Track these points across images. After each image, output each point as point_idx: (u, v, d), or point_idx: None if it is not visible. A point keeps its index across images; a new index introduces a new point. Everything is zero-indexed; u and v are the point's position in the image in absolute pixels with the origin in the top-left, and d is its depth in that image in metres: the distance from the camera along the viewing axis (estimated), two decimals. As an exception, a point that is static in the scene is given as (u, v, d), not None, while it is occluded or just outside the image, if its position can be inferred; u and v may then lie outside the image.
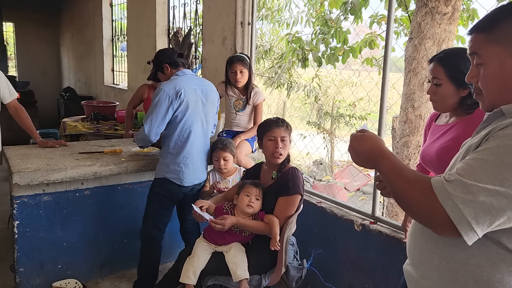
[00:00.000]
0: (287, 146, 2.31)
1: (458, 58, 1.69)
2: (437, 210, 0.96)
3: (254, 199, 2.25)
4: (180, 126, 2.61)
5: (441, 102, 1.74)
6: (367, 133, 1.22)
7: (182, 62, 2.79)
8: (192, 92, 2.62)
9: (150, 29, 5.61)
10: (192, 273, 2.18)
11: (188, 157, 2.65)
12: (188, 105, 2.59)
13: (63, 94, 8.27)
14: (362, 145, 1.18)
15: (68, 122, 4.95)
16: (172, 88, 2.55)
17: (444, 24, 3.36)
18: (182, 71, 2.72)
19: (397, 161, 1.12)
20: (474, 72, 1.12)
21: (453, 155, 1.71)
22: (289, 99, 7.01)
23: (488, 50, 1.05)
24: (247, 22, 3.63)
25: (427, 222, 1.01)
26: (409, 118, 3.59)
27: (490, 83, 1.07)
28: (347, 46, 4.48)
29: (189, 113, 2.61)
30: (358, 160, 1.21)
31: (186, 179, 2.67)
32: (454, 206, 0.94)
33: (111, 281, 3.08)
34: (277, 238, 2.16)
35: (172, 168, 2.64)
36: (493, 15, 1.06)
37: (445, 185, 0.97)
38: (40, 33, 10.62)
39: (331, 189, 5.44)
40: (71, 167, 2.66)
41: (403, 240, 2.24)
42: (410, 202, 1.04)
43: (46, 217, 2.79)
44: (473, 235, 0.95)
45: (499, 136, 0.97)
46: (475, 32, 1.09)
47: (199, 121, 2.69)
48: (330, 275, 2.67)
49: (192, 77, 2.73)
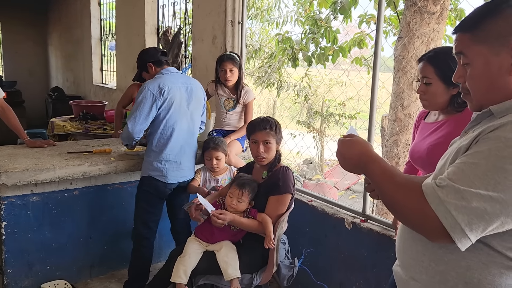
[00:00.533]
0: (271, 149, 2.30)
1: (448, 56, 1.70)
2: (429, 216, 0.95)
3: (235, 201, 2.25)
4: (163, 124, 2.61)
5: (431, 101, 1.75)
6: (355, 137, 1.21)
7: (166, 60, 2.79)
8: (177, 90, 2.62)
9: (139, 28, 5.57)
10: (183, 272, 2.17)
11: (171, 155, 2.65)
12: (172, 103, 2.59)
13: (51, 94, 8.18)
14: (350, 150, 1.17)
15: (56, 122, 4.89)
16: (156, 85, 2.55)
17: (433, 23, 3.39)
18: (167, 69, 2.72)
19: (387, 165, 1.10)
20: (460, 72, 1.11)
21: (443, 152, 1.73)
22: (279, 98, 7.03)
23: (473, 49, 1.04)
24: (237, 21, 3.63)
25: (419, 228, 1.00)
26: (398, 117, 3.61)
27: (477, 83, 1.06)
28: (337, 45, 4.50)
29: (173, 111, 2.60)
30: (347, 165, 1.19)
31: (171, 177, 2.67)
32: (447, 212, 0.93)
33: (100, 282, 3.05)
34: (272, 236, 2.16)
35: (156, 165, 2.64)
36: (476, 13, 1.05)
37: (437, 191, 0.95)
38: (27, 33, 10.49)
39: (321, 188, 5.46)
40: (59, 167, 2.63)
41: (393, 238, 2.25)
42: (401, 209, 1.02)
43: (34, 217, 2.76)
44: (467, 241, 0.93)
45: (490, 139, 0.95)
46: (460, 31, 1.08)
47: (184, 119, 2.68)
48: (321, 274, 2.68)
49: (177, 75, 2.72)
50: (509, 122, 0.94)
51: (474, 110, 1.12)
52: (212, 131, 3.28)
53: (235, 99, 3.16)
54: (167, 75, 2.67)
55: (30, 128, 5.35)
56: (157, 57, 2.75)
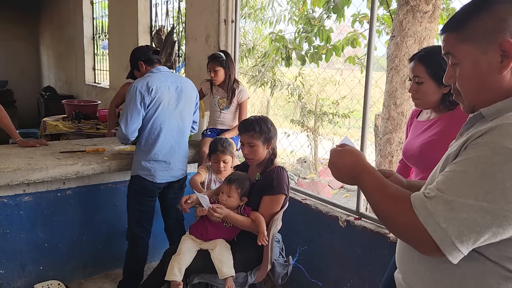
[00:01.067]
0: (258, 151, 2.28)
1: (439, 56, 1.71)
2: (418, 230, 0.91)
3: (225, 197, 2.26)
4: (150, 123, 2.60)
5: (423, 100, 1.76)
6: (348, 147, 1.18)
7: (157, 59, 2.78)
8: (166, 89, 2.61)
9: (132, 27, 5.55)
10: (177, 270, 2.16)
11: (159, 154, 2.64)
12: (160, 102, 2.58)
13: (43, 93, 8.12)
14: (342, 160, 1.14)
15: (48, 121, 4.86)
16: (144, 84, 2.55)
17: (425, 22, 3.41)
18: (157, 68, 2.70)
19: (379, 176, 1.07)
20: (451, 73, 1.08)
21: (436, 150, 1.74)
22: (273, 97, 7.04)
23: (461, 49, 1.02)
24: (231, 20, 3.62)
25: (410, 241, 0.98)
26: (391, 115, 3.63)
27: (466, 83, 1.04)
28: (330, 44, 4.51)
29: (160, 110, 2.59)
30: (339, 175, 1.16)
31: (159, 176, 2.66)
32: (436, 225, 0.89)
33: (94, 282, 3.04)
34: (265, 233, 2.17)
35: (144, 165, 2.64)
36: (461, 12, 1.03)
37: (425, 203, 0.92)
38: (19, 31, 10.39)
39: (315, 186, 5.47)
40: (52, 167, 2.61)
41: (387, 235, 2.27)
42: (391, 221, 1.00)
43: (27, 217, 2.74)
44: (458, 254, 0.90)
45: (479, 145, 0.91)
46: (446, 31, 1.05)
47: (173, 119, 2.67)
48: (316, 271, 2.69)
49: (167, 74, 2.71)
50: (497, 127, 0.91)
51: (467, 111, 1.09)
52: (206, 130, 3.28)
53: (229, 98, 3.16)
54: (157, 74, 2.65)
55: (22, 128, 5.31)
56: (148, 56, 2.74)
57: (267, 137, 2.29)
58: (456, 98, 1.11)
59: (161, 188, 2.73)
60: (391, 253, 2.02)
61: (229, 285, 2.16)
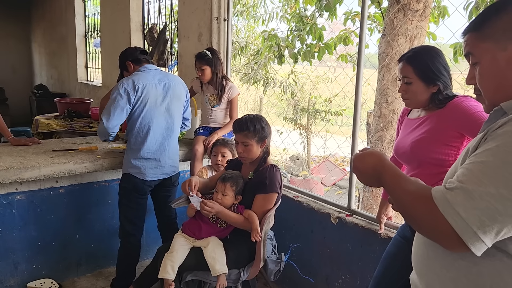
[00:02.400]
0: (251, 150, 2.29)
1: (426, 56, 1.75)
2: (439, 222, 0.90)
3: (220, 195, 2.27)
4: (139, 122, 2.60)
5: (413, 100, 1.80)
6: (368, 150, 1.19)
7: (145, 58, 2.78)
8: (153, 87, 2.61)
9: (124, 25, 5.53)
10: (170, 268, 2.18)
11: (149, 152, 2.65)
12: (147, 101, 2.58)
13: (35, 92, 8.07)
14: (364, 162, 1.14)
15: (41, 119, 4.84)
16: (131, 82, 2.55)
17: (416, 20, 3.44)
18: (145, 66, 2.70)
19: (399, 174, 1.07)
20: (472, 74, 1.09)
21: (426, 147, 1.77)
22: (266, 95, 7.05)
23: (480, 47, 1.03)
24: (223, 18, 3.63)
25: (432, 236, 0.96)
26: (383, 113, 3.66)
27: (486, 80, 1.04)
28: (322, 42, 4.53)
29: (148, 109, 2.60)
30: (364, 178, 1.16)
31: (149, 174, 2.67)
32: (456, 215, 0.88)
33: (88, 280, 3.04)
34: (258, 229, 2.19)
35: (133, 163, 2.64)
36: (483, 14, 1.05)
37: (445, 194, 0.91)
38: (10, 29, 10.31)
39: (308, 183, 5.50)
40: (45, 165, 2.61)
41: (378, 232, 2.29)
42: (413, 217, 0.99)
43: (19, 216, 2.74)
44: (481, 245, 0.87)
45: (498, 135, 0.91)
46: (468, 32, 1.07)
47: (162, 117, 2.67)
48: (308, 268, 2.71)
49: (154, 72, 2.70)
50: None
51: (488, 111, 1.08)
52: (199, 128, 3.29)
53: (218, 95, 3.17)
54: (144, 72, 2.65)
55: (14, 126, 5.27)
56: (135, 55, 2.75)
57: (261, 136, 2.30)
58: (477, 98, 1.12)
59: (152, 186, 2.73)
60: (382, 250, 2.05)
61: (221, 283, 2.17)
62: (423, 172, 1.81)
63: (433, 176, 1.77)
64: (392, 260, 1.93)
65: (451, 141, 1.72)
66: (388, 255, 1.96)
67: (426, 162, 1.79)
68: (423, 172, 1.81)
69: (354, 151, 2.51)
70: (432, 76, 1.73)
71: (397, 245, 1.93)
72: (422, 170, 1.82)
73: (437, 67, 1.73)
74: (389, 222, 2.26)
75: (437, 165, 1.76)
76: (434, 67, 1.73)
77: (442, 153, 1.74)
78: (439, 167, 1.75)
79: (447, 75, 1.75)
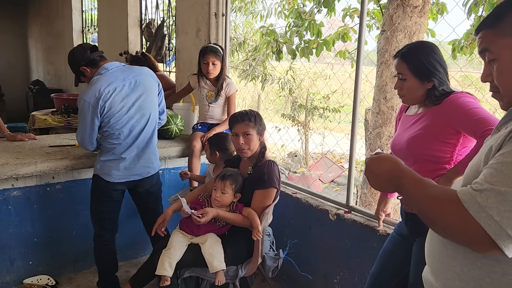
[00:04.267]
0: (252, 140, 2.29)
1: (420, 52, 1.75)
2: (471, 226, 0.87)
3: (219, 193, 2.25)
4: (108, 126, 2.44)
5: (408, 96, 1.80)
6: (383, 154, 1.16)
7: (99, 56, 2.52)
8: (118, 90, 2.41)
9: (122, 20, 5.49)
10: (168, 265, 2.16)
11: (117, 154, 2.50)
12: (114, 105, 2.40)
13: (32, 87, 8.03)
14: (380, 166, 1.10)
15: (37, 115, 4.81)
16: (93, 95, 2.35)
17: (415, 17, 3.43)
18: (103, 67, 2.47)
19: (419, 178, 1.03)
20: (487, 71, 1.06)
21: (422, 144, 1.76)
22: (264, 91, 7.03)
23: (499, 43, 1.00)
24: (221, 13, 3.60)
25: (463, 240, 0.93)
26: (381, 110, 3.66)
27: (505, 77, 1.01)
28: (321, 39, 4.51)
29: (117, 113, 2.42)
30: (378, 182, 1.12)
31: (116, 176, 2.51)
32: (489, 218, 0.85)
33: (84, 276, 3.03)
34: (259, 228, 2.18)
35: (101, 164, 2.52)
36: (498, 9, 1.03)
37: (475, 197, 0.88)
38: (6, 25, 10.23)
39: (306, 180, 5.49)
40: (41, 161, 2.59)
41: (376, 228, 2.29)
42: (440, 222, 0.95)
43: (15, 212, 2.72)
44: None
45: None
46: (483, 29, 1.05)
47: (133, 116, 2.49)
48: (306, 265, 2.71)
49: (117, 71, 2.48)
50: None
51: (506, 108, 1.06)
52: (197, 124, 3.27)
53: (216, 91, 3.15)
54: (105, 75, 2.43)
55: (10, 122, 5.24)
56: (87, 57, 2.47)
57: (260, 128, 2.33)
58: (494, 96, 1.09)
59: (118, 189, 2.57)
60: (380, 246, 2.05)
61: (220, 279, 2.17)
62: (419, 169, 1.79)
63: (430, 173, 1.76)
64: (389, 257, 1.93)
65: (447, 138, 1.71)
66: (385, 252, 1.96)
67: (422, 159, 1.78)
68: (419, 168, 1.79)
69: (353, 147, 2.50)
70: (427, 72, 1.72)
71: (394, 242, 1.93)
72: (418, 166, 1.80)
73: (432, 63, 1.72)
74: (388, 218, 2.26)
75: (434, 162, 1.75)
76: (428, 63, 1.72)
77: (438, 150, 1.73)
78: (435, 164, 1.75)
79: (443, 71, 1.74)
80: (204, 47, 3.10)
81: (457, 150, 1.72)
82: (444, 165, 1.74)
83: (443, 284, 1.07)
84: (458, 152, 1.72)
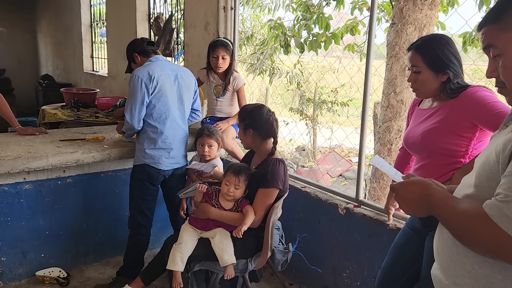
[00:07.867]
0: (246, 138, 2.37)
1: (435, 44, 1.73)
2: (503, 239, 0.87)
3: (233, 188, 2.24)
4: (155, 111, 2.60)
5: (422, 89, 1.78)
6: (412, 178, 1.16)
7: (152, 49, 2.78)
8: (166, 77, 2.62)
9: (130, 14, 5.50)
10: (180, 260, 2.18)
11: (166, 142, 2.65)
12: (162, 90, 2.59)
13: (41, 82, 8.08)
14: (410, 191, 1.10)
15: (47, 109, 4.85)
16: (146, 73, 2.55)
17: (426, 9, 3.39)
18: (155, 57, 2.72)
19: (448, 197, 1.03)
20: (492, 66, 1.05)
21: (437, 138, 1.75)
22: (272, 85, 7.01)
23: (503, 38, 1.00)
24: (230, 6, 3.59)
25: (496, 255, 0.92)
26: (391, 103, 3.63)
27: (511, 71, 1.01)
28: (329, 32, 4.48)
29: (164, 98, 2.60)
30: (411, 208, 1.11)
31: (165, 163, 2.67)
32: None
33: (95, 269, 3.06)
34: (244, 228, 2.14)
35: (149, 153, 2.63)
36: (500, 5, 1.02)
37: (503, 209, 0.87)
38: (15, 20, 10.29)
39: (314, 174, 5.49)
40: (52, 155, 2.61)
41: (386, 222, 2.28)
42: (471, 239, 0.95)
43: (27, 205, 2.75)
44: None
45: None
46: (486, 25, 1.04)
47: (175, 106, 2.69)
48: (315, 258, 2.71)
49: (165, 62, 2.73)
50: None
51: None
52: (206, 118, 3.28)
53: (223, 85, 3.15)
54: (155, 62, 2.67)
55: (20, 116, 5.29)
56: (142, 47, 2.75)
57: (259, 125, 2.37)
58: (500, 91, 1.08)
59: (165, 176, 2.73)
60: (390, 240, 2.04)
61: (229, 273, 2.18)
62: (432, 163, 1.80)
63: (443, 167, 1.76)
64: (401, 251, 1.92)
65: (463, 132, 1.70)
66: (396, 246, 1.95)
67: (436, 153, 1.77)
68: (432, 162, 1.80)
69: (363, 141, 2.49)
70: (441, 64, 1.71)
71: (406, 236, 1.92)
72: (431, 160, 1.80)
73: (447, 55, 1.70)
74: (398, 213, 2.25)
75: (447, 155, 1.74)
76: (443, 55, 1.70)
77: (454, 144, 1.72)
78: (449, 157, 1.74)
79: (457, 64, 1.73)
80: (214, 41, 3.11)
81: (473, 144, 1.71)
82: (459, 159, 1.73)
83: (453, 281, 1.06)
84: (473, 146, 1.71)
